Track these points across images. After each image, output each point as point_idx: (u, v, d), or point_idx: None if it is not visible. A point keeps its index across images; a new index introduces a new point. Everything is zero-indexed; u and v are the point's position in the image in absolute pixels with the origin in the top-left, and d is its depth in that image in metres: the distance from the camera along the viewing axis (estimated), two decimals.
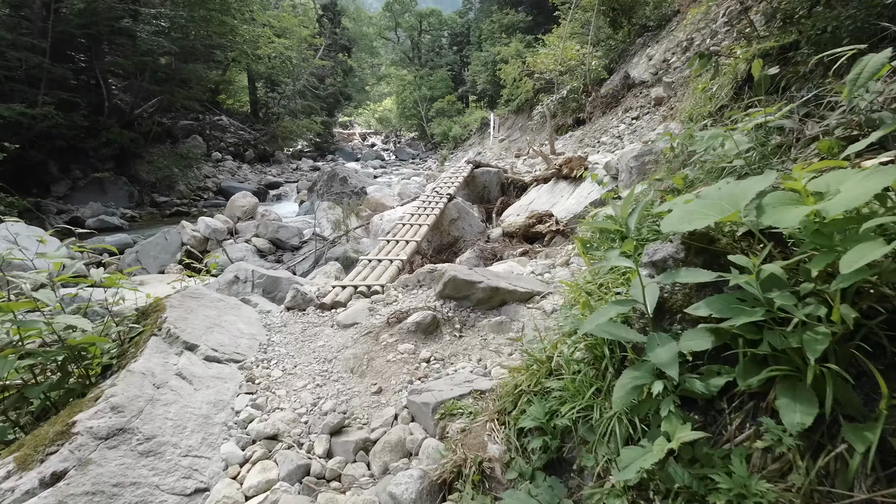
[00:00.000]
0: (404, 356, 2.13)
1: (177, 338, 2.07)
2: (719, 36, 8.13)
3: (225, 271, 3.68)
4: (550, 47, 16.94)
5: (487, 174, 8.22)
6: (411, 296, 3.00)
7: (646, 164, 5.28)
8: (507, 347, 2.28)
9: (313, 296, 3.01)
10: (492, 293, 2.62)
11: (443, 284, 2.63)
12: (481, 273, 2.77)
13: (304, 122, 30.01)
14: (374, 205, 11.51)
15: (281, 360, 2.23)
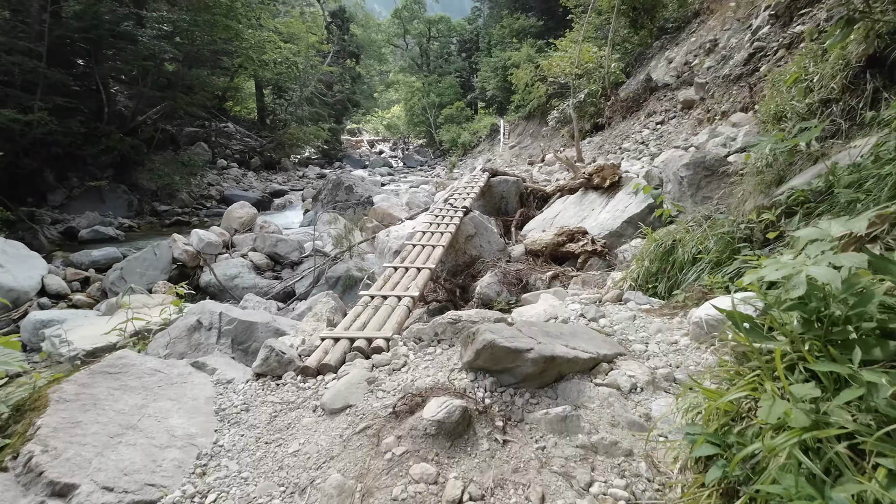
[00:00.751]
0: (420, 490, 1.30)
1: (40, 474, 1.26)
2: (763, 31, 7.26)
3: (186, 312, 2.88)
4: (565, 50, 16.15)
5: (505, 183, 7.39)
6: (427, 357, 2.17)
7: (701, 175, 4.43)
8: (581, 467, 1.44)
9: (294, 355, 2.19)
10: (545, 364, 1.78)
11: (474, 352, 1.80)
12: (528, 331, 1.93)
13: (312, 129, 29.44)
14: (380, 215, 10.74)
15: (227, 489, 1.40)
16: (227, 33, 17.55)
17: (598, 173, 5.76)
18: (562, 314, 2.78)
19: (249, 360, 2.48)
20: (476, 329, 1.86)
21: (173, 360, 2.07)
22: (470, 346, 1.83)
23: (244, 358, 2.58)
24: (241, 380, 2.06)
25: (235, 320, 2.70)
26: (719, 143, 4.91)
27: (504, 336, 1.79)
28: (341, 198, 12.20)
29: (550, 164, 12.47)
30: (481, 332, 1.81)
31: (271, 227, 9.24)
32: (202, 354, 2.51)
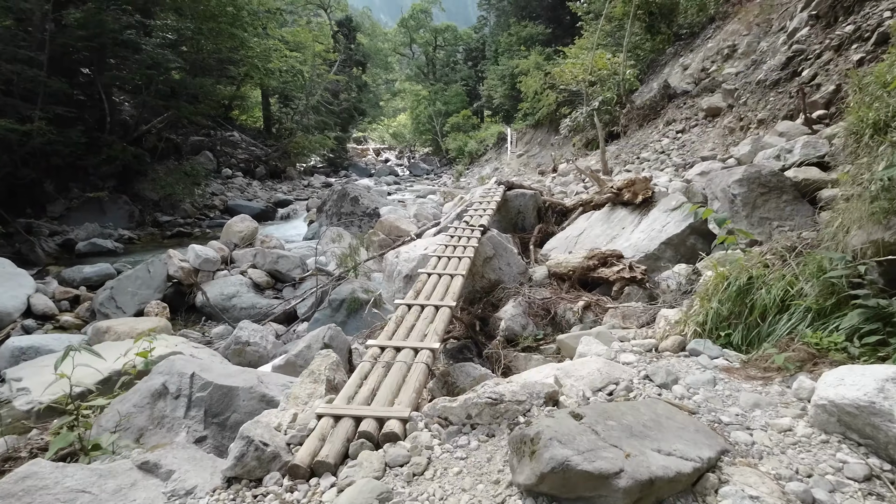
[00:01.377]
0: None
1: None
2: (802, 33, 6.67)
3: (151, 373, 2.31)
4: (576, 57, 15.64)
5: (522, 197, 6.82)
6: (458, 453, 1.59)
7: (757, 192, 3.84)
8: None
9: (279, 446, 1.61)
10: (640, 492, 1.20)
11: (538, 476, 1.22)
12: (604, 430, 1.34)
13: (318, 138, 29.11)
14: (387, 228, 10.20)
15: None
16: (233, 42, 17.20)
17: (628, 188, 5.18)
18: (621, 376, 2.19)
19: (226, 438, 1.92)
20: (536, 433, 1.28)
21: (111, 466, 1.50)
22: (529, 461, 1.25)
23: (219, 436, 1.99)
24: (206, 488, 1.48)
25: (210, 385, 2.11)
26: (771, 155, 4.32)
27: (579, 449, 1.21)
28: (346, 209, 11.68)
29: (564, 174, 11.90)
30: (545, 441, 1.23)
31: (273, 242, 8.71)
32: (166, 431, 1.94)
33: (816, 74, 5.58)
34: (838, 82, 4.98)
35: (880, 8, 5.16)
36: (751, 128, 6.67)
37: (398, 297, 4.73)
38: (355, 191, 11.82)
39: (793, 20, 7.07)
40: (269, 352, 4.85)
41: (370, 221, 11.43)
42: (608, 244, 5.10)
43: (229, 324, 6.53)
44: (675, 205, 4.72)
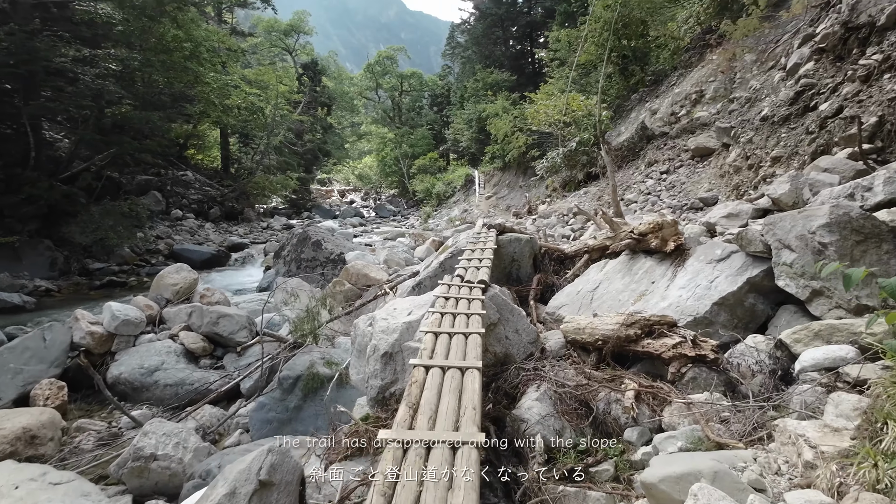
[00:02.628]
0: None
1: None
2: (806, 68, 6.20)
3: None
4: (546, 100, 15.37)
5: (517, 243, 5.76)
6: None
7: (852, 240, 2.91)
8: None
9: None
10: None
11: None
12: None
13: (279, 179, 27.74)
14: (354, 276, 8.91)
15: None
16: (187, 76, 15.95)
17: (654, 233, 4.22)
18: None
19: None
20: None
21: None
22: None
23: None
24: None
25: None
26: (840, 193, 3.46)
27: None
28: (307, 255, 10.30)
29: (545, 216, 11.09)
30: None
31: (215, 297, 7.18)
32: None
33: (842, 107, 4.94)
34: (880, 113, 4.27)
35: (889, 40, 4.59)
36: (762, 166, 6.00)
37: (373, 381, 3.43)
38: (318, 234, 10.50)
39: (790, 56, 6.64)
40: (187, 467, 3.38)
41: (334, 268, 10.10)
42: (637, 303, 4.05)
43: (133, 419, 4.90)
44: (720, 254, 3.76)
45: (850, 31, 5.44)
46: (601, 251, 5.25)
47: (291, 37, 36.50)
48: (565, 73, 18.95)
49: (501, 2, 31.89)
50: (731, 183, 6.73)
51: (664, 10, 12.19)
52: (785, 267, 3.21)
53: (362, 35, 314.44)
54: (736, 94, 12.40)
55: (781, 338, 2.87)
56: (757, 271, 3.47)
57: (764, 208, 4.67)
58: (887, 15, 4.90)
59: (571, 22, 22.35)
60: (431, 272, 5.87)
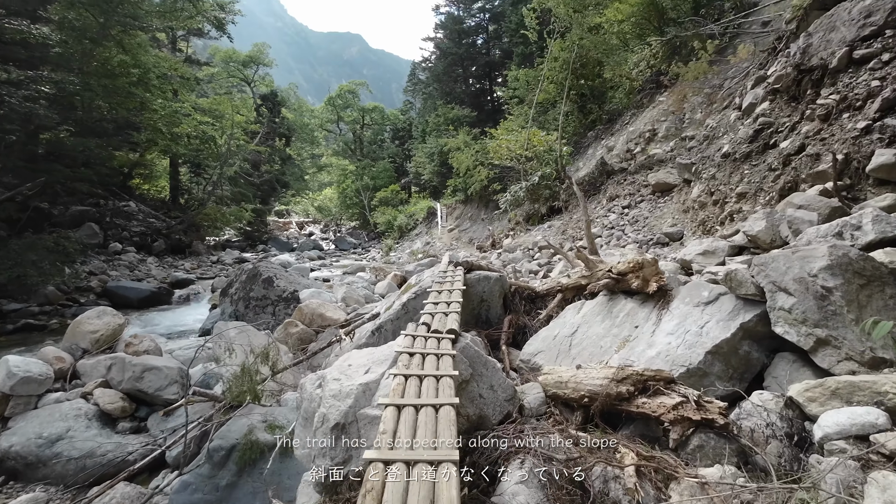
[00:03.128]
0: None
1: None
2: (762, 107, 6.32)
3: None
4: (507, 135, 15.51)
5: (486, 282, 5.33)
6: None
7: (856, 283, 2.67)
8: None
9: None
10: None
11: None
12: None
13: (233, 210, 26.48)
14: (309, 316, 8.21)
15: None
16: (131, 102, 14.97)
17: (635, 272, 3.91)
18: None
19: None
20: None
21: None
22: None
23: None
24: None
25: None
26: (829, 232, 3.27)
27: None
28: (257, 293, 9.46)
29: (511, 250, 10.83)
30: None
31: (144, 344, 6.24)
32: None
33: (804, 145, 4.95)
34: (845, 151, 4.24)
35: (862, 78, 4.68)
36: (727, 202, 5.95)
37: (321, 460, 2.80)
38: (269, 270, 9.69)
39: (744, 97, 6.81)
40: None
41: (287, 308, 9.30)
42: (621, 350, 3.66)
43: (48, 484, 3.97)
44: (708, 296, 3.47)
45: (803, 73, 5.57)
46: (576, 290, 4.90)
47: (250, 68, 35.93)
48: (524, 110, 19.40)
49: (461, 42, 32.91)
50: (696, 218, 6.68)
51: (619, 52, 12.70)
52: (782, 312, 2.92)
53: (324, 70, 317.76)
54: (687, 132, 12.93)
55: (792, 396, 2.53)
56: (750, 316, 3.18)
57: (740, 245, 4.49)
58: (838, 58, 5.02)
59: (528, 63, 23.16)
60: (393, 314, 5.32)
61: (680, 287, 3.86)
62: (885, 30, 4.85)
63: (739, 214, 5.65)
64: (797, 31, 6.51)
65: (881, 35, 4.87)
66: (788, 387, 2.64)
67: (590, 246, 4.97)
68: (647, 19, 14.09)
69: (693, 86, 10.01)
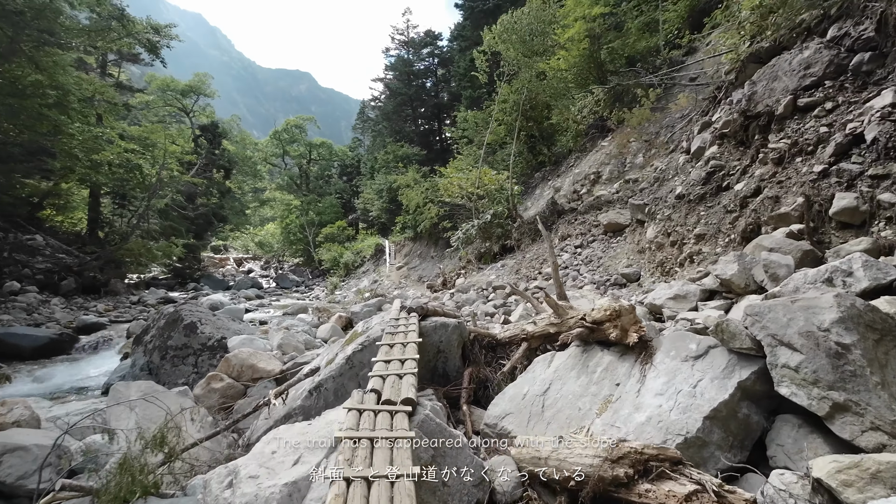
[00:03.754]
0: None
1: None
2: (711, 151, 6.41)
3: None
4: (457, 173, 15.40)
5: (443, 330, 4.71)
6: None
7: (871, 339, 2.34)
8: None
9: None
10: None
11: None
12: None
13: (160, 245, 24.23)
14: (237, 368, 7.16)
15: None
16: (43, 125, 13.34)
17: (612, 321, 3.48)
18: None
19: None
20: None
21: None
22: None
23: None
24: None
25: None
26: (819, 278, 3.02)
27: None
28: (177, 342, 8.20)
29: (464, 290, 10.32)
30: None
31: (14, 413, 4.92)
32: None
33: (760, 187, 4.90)
34: (805, 193, 4.16)
35: (809, 125, 4.75)
36: (686, 243, 5.83)
37: None
38: (193, 315, 8.49)
39: (692, 141, 6.93)
40: None
41: (212, 358, 8.11)
42: (604, 413, 3.15)
43: None
44: (696, 350, 3.08)
45: (750, 119, 5.68)
46: (543, 339, 4.40)
47: (190, 98, 34.25)
48: (473, 150, 19.59)
49: (411, 83, 33.45)
50: (653, 259, 6.53)
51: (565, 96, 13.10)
52: (787, 371, 2.55)
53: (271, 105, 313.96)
54: (629, 175, 13.39)
55: (821, 478, 2.09)
56: (747, 373, 2.79)
57: (710, 289, 4.23)
58: (784, 105, 5.12)
59: (477, 106, 23.73)
60: (336, 370, 4.53)
61: (660, 337, 3.46)
62: (825, 80, 5.00)
63: (699, 256, 5.51)
64: (736, 81, 6.75)
65: (821, 85, 5.01)
66: (810, 464, 2.21)
67: (558, 290, 4.53)
68: (587, 70, 14.81)
69: (634, 132, 10.34)
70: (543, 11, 12.02)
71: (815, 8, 5.59)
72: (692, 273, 5.28)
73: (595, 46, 13.82)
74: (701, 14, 14.67)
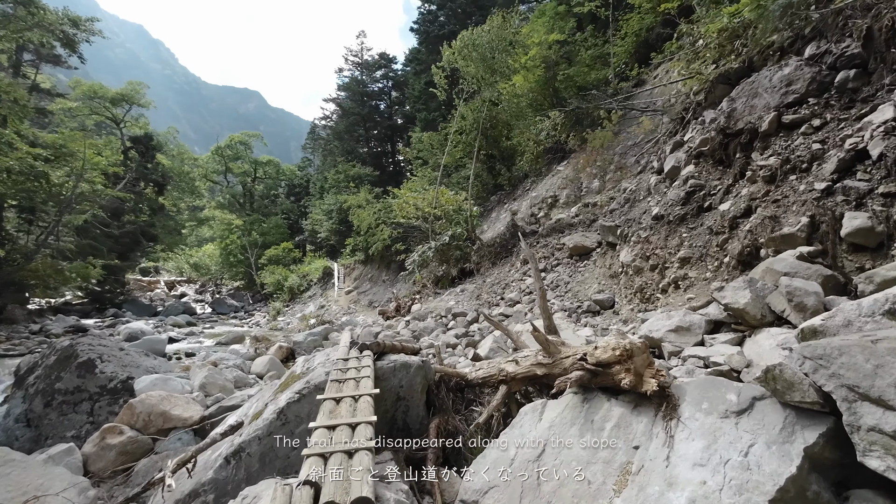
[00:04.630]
0: None
1: None
2: (688, 170, 6.08)
3: None
4: (412, 192, 14.65)
5: (404, 372, 3.77)
6: None
7: None
8: None
9: None
10: None
11: None
12: None
13: (75, 266, 21.37)
14: (143, 417, 5.86)
15: None
16: None
17: (622, 363, 2.74)
18: None
19: None
20: None
21: None
22: None
23: None
24: None
25: None
26: (877, 309, 2.45)
27: None
28: (67, 384, 6.63)
29: (421, 318, 9.39)
30: None
31: None
32: None
33: (752, 207, 4.47)
34: (810, 213, 3.72)
35: (798, 142, 4.42)
36: (668, 267, 5.33)
37: None
38: (93, 350, 6.96)
39: (665, 160, 6.59)
40: None
41: (114, 403, 6.64)
42: (626, 490, 2.35)
43: None
44: (737, 403, 2.39)
45: (729, 136, 5.35)
46: (527, 381, 3.59)
47: (121, 107, 31.47)
48: (428, 172, 18.99)
49: (365, 104, 32.76)
50: (630, 285, 5.99)
51: (526, 117, 12.84)
52: (878, 436, 1.89)
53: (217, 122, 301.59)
54: (586, 199, 13.25)
55: None
56: (813, 436, 2.12)
57: (716, 319, 3.63)
58: (769, 122, 4.81)
59: (432, 128, 23.35)
60: (263, 429, 3.45)
61: (682, 383, 2.75)
62: (808, 98, 4.74)
63: (685, 281, 4.99)
64: (705, 102, 6.52)
65: (805, 102, 4.75)
66: None
67: (546, 322, 3.76)
68: (543, 96, 14.78)
69: (595, 154, 10.12)
70: (504, 30, 11.83)
71: (787, 29, 5.43)
72: (679, 300, 4.74)
73: (550, 73, 13.80)
74: (647, 48, 15.22)
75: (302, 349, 11.26)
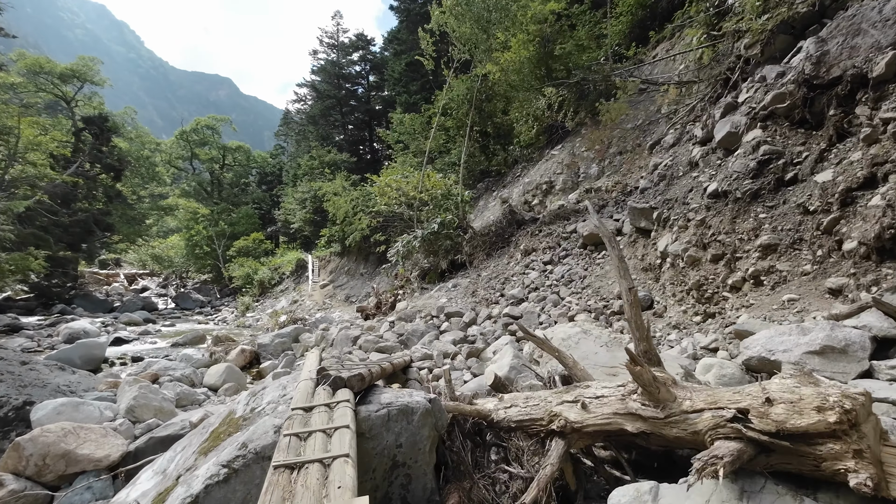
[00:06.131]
0: None
1: None
2: (754, 135, 4.82)
3: None
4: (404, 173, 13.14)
5: (403, 420, 2.35)
6: None
7: None
8: None
9: None
10: None
11: None
12: None
13: (14, 257, 19.01)
14: (38, 459, 4.32)
15: None
16: None
17: (841, 436, 1.41)
18: None
19: None
20: None
21: None
22: None
23: None
24: None
25: None
26: None
27: None
28: None
29: (408, 318, 7.95)
30: None
31: None
32: None
33: (881, 175, 3.21)
34: None
35: None
36: (741, 257, 4.06)
37: None
38: None
39: (715, 127, 5.31)
40: None
41: (3, 438, 4.97)
42: None
43: None
44: None
45: (817, 89, 4.06)
46: (601, 437, 2.23)
47: (72, 84, 28.56)
48: (409, 157, 17.48)
49: (341, 87, 30.76)
50: (680, 280, 4.72)
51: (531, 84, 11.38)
52: None
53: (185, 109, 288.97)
54: (584, 185, 12.04)
55: None
56: None
57: (881, 335, 2.34)
58: (886, 63, 3.52)
59: (414, 111, 21.74)
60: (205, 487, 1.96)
61: None
62: None
63: (771, 276, 3.72)
64: (762, 56, 5.25)
65: None
66: None
67: (644, 344, 2.39)
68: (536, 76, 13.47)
69: (604, 132, 8.84)
70: None
71: None
72: (768, 301, 3.46)
73: (545, 49, 12.48)
74: (642, 29, 14.06)
75: (268, 353, 9.70)
